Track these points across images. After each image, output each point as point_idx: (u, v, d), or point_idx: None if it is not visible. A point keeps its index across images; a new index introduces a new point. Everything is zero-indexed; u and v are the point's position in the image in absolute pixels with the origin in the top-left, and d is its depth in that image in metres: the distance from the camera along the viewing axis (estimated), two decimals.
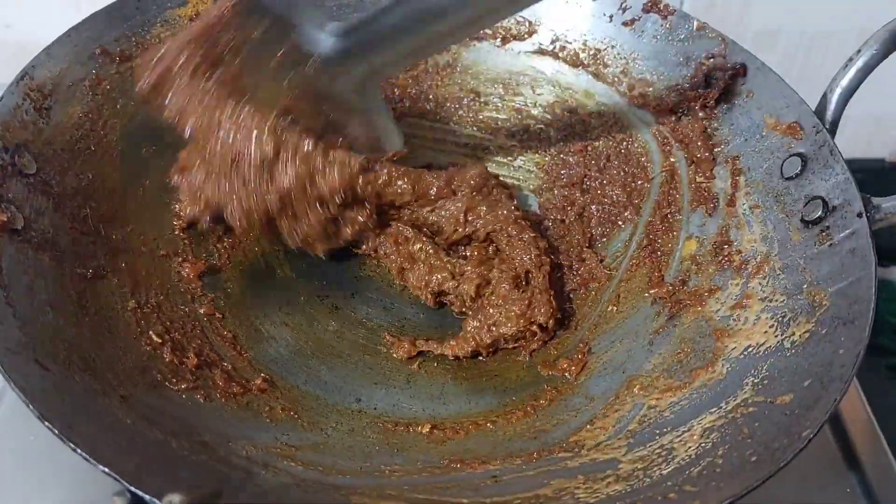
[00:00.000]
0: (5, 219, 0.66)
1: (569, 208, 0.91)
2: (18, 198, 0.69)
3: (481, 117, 0.96)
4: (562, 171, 0.93)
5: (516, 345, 0.82)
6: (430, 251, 0.84)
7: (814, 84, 0.78)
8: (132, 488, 0.50)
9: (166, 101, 0.73)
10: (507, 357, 0.82)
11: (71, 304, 0.68)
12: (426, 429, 0.75)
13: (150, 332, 0.72)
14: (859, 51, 0.74)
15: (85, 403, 0.60)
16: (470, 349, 0.80)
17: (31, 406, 0.54)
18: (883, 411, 0.88)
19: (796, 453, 0.57)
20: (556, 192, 0.93)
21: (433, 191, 0.83)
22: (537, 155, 0.95)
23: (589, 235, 0.89)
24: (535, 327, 0.80)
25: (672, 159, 0.86)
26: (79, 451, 0.52)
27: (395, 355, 0.81)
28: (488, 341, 0.80)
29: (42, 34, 0.77)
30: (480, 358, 0.81)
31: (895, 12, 0.74)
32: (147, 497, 0.50)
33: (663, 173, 0.87)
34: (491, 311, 0.80)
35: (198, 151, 0.75)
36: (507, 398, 0.79)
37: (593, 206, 0.90)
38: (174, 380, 0.70)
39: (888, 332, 1.08)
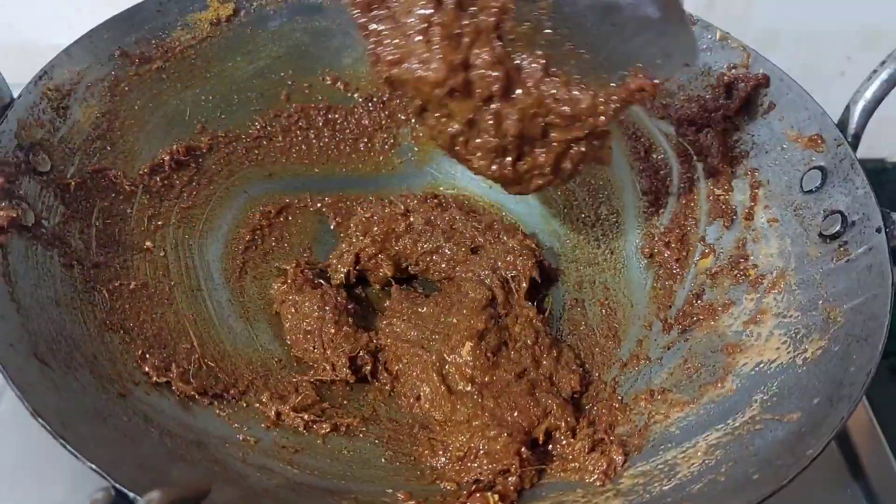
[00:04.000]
0: (15, 215, 0.66)
1: (586, 218, 0.90)
2: (31, 195, 0.69)
3: None
4: (579, 181, 0.91)
5: None
6: None
7: (814, 84, 0.76)
8: (116, 485, 0.50)
9: None
10: None
11: (77, 302, 0.69)
12: (425, 438, 0.73)
13: None
14: (883, 62, 0.72)
15: (83, 400, 0.60)
16: None
17: (25, 402, 0.54)
18: (885, 413, 0.86)
19: (799, 472, 0.55)
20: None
21: None
22: None
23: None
24: None
25: (691, 171, 0.84)
26: (68, 447, 0.52)
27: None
28: None
29: (43, 35, 0.78)
30: None
31: (895, 12, 0.71)
32: (130, 494, 0.49)
33: (682, 185, 0.85)
34: None
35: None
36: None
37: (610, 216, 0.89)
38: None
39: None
